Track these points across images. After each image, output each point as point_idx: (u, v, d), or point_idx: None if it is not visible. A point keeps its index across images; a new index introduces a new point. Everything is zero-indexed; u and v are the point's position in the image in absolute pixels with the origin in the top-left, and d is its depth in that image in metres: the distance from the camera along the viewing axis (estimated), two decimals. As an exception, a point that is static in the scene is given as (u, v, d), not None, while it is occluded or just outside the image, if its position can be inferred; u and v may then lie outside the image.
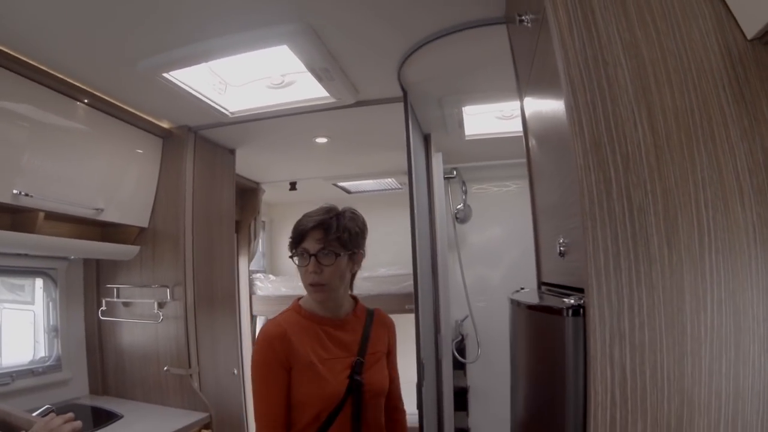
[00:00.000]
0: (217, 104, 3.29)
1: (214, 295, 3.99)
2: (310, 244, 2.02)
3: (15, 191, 2.72)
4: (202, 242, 3.83)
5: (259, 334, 2.10)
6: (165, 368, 3.59)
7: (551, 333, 1.34)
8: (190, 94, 3.07)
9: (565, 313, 1.20)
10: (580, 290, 1.24)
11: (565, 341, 1.20)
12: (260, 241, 5.86)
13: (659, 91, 1.16)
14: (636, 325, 1.07)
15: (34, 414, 2.01)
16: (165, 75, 2.85)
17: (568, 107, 1.18)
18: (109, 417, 3.33)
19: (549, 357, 1.39)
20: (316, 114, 3.42)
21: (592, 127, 1.14)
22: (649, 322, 1.07)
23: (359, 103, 3.31)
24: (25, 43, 2.53)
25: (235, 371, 4.13)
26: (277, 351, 1.99)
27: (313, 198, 5.42)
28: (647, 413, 1.07)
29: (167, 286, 3.63)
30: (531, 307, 1.67)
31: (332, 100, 3.20)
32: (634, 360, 1.07)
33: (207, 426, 3.44)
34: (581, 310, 1.16)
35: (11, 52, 2.56)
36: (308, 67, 2.79)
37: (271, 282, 5.76)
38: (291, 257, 2.10)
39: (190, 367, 3.56)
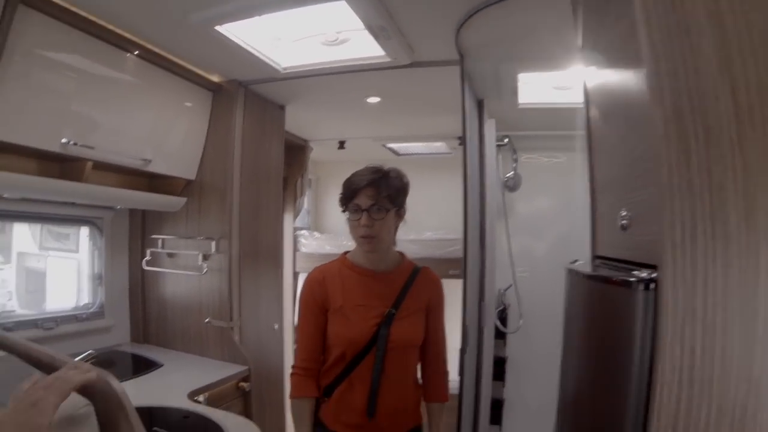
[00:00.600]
0: (269, 59, 3.26)
1: (259, 249, 3.99)
2: (362, 200, 2.21)
3: (64, 140, 2.74)
4: (248, 197, 3.83)
5: (305, 278, 2.39)
6: (206, 320, 3.63)
7: (616, 306, 1.30)
8: (242, 48, 3.05)
9: (636, 287, 1.16)
10: (644, 265, 1.20)
11: (633, 316, 1.16)
12: (306, 198, 5.86)
13: (743, 63, 1.10)
14: (709, 304, 1.03)
15: (77, 359, 2.02)
16: (217, 28, 2.82)
17: (650, 74, 1.13)
18: (149, 365, 3.41)
19: (611, 331, 1.36)
20: (369, 73, 3.38)
21: (674, 96, 1.09)
22: (722, 303, 1.03)
23: (414, 65, 3.24)
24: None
25: (276, 326, 4.15)
26: (315, 293, 2.33)
27: (361, 158, 5.42)
28: (713, 399, 1.03)
29: (212, 239, 3.65)
30: (594, 278, 1.62)
31: (387, 59, 3.15)
32: (705, 342, 1.03)
33: (245, 379, 3.48)
34: (653, 285, 1.12)
35: (62, 3, 2.56)
36: (365, 24, 2.73)
37: (315, 239, 5.78)
38: (344, 211, 2.29)
39: (231, 319, 3.59)
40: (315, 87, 3.80)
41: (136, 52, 3.07)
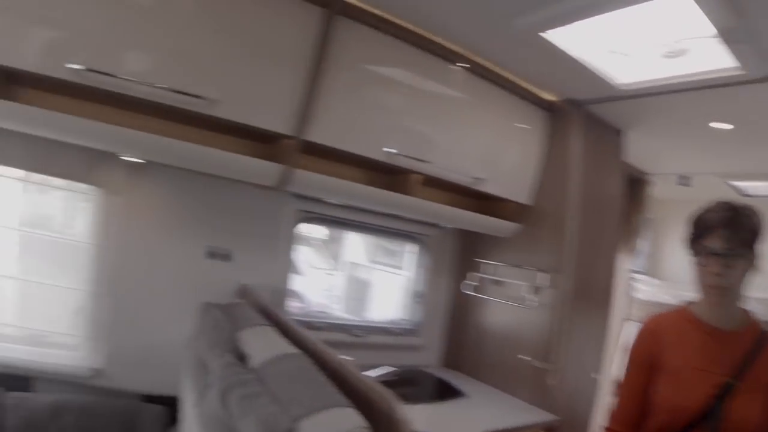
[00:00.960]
0: (602, 73, 3.00)
1: (590, 288, 3.67)
2: (715, 242, 1.90)
3: (389, 149, 2.87)
4: (585, 230, 3.55)
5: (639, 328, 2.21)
6: (523, 357, 3.45)
7: None
8: (572, 59, 2.83)
9: None
10: None
11: None
12: (643, 239, 5.39)
13: None
14: None
15: (374, 372, 2.00)
16: (542, 35, 2.62)
17: None
18: (453, 393, 3.37)
19: None
20: (713, 92, 2.91)
21: None
22: None
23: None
24: (401, 7, 2.65)
25: (596, 376, 3.77)
26: (647, 347, 2.10)
27: (702, 196, 4.83)
28: None
29: (543, 271, 3.45)
30: None
31: (737, 72, 2.66)
32: None
33: (550, 429, 3.20)
34: None
35: (380, 12, 2.67)
36: (715, 26, 2.29)
37: (652, 286, 5.34)
38: (692, 255, 2.01)
39: (550, 361, 3.35)
40: (651, 108, 3.42)
41: (463, 66, 3.07)
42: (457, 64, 3.04)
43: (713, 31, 2.34)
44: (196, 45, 2.31)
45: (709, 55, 2.60)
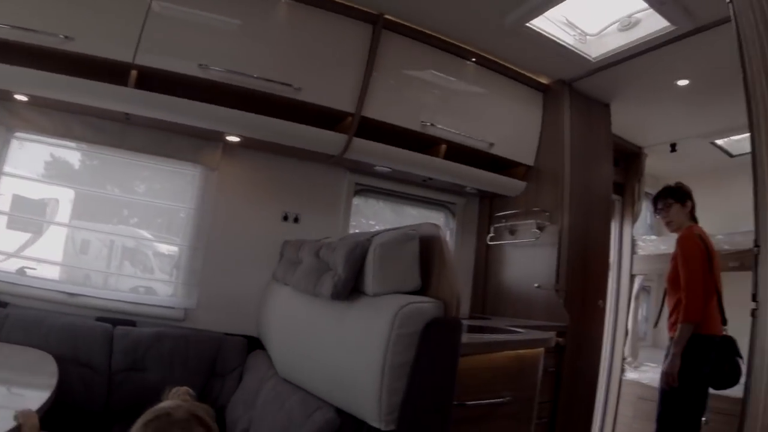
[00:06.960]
0: (578, 50, 3.77)
1: (588, 234, 4.37)
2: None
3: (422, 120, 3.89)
4: (577, 182, 4.27)
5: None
6: (536, 285, 4.17)
7: None
8: (552, 40, 3.62)
9: None
10: None
11: None
12: (642, 204, 5.90)
13: None
14: None
15: None
16: (528, 25, 3.44)
17: None
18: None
19: None
20: (661, 51, 3.57)
21: None
22: None
23: (699, 30, 3.27)
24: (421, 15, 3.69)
25: (601, 303, 4.39)
26: (700, 244, 3.22)
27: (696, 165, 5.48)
28: None
29: (545, 212, 4.23)
30: None
31: (670, 28, 3.31)
32: None
33: (561, 335, 3.83)
34: None
35: (410, 24, 3.72)
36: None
37: (650, 242, 5.83)
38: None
39: (557, 283, 4.04)
40: (623, 77, 4.09)
41: (473, 59, 4.02)
42: (471, 59, 4.06)
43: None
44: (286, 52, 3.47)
45: (654, 21, 3.33)
